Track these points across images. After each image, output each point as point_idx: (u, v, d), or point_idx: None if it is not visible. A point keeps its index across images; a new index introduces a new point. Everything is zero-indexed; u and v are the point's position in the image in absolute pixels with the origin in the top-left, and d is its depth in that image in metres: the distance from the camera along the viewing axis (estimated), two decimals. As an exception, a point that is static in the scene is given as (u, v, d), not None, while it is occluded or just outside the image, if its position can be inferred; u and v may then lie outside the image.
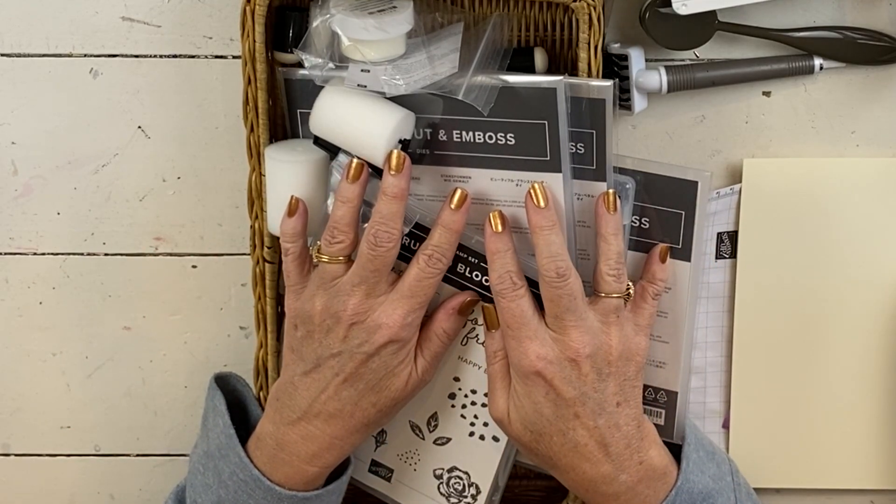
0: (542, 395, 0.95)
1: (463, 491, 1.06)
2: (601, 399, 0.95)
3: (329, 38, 0.97)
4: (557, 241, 0.94)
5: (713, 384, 1.10)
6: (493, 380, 0.98)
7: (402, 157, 0.94)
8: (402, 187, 0.94)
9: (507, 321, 0.95)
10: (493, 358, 0.98)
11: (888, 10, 1.04)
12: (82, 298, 1.13)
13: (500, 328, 0.97)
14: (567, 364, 0.94)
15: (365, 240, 0.94)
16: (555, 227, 0.94)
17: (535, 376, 0.94)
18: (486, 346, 0.99)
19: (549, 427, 0.95)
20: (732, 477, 1.02)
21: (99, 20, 1.07)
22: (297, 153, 1.01)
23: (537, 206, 0.94)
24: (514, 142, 0.98)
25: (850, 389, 1.10)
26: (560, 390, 0.94)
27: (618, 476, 0.96)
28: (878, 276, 1.07)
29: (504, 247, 0.95)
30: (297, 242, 0.98)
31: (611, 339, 0.96)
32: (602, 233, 0.96)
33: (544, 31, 1.03)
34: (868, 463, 1.11)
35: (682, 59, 1.05)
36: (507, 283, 0.95)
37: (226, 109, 1.08)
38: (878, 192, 1.06)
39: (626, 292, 0.97)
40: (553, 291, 0.94)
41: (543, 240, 0.94)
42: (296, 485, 0.99)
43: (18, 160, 1.10)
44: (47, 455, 1.18)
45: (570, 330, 0.94)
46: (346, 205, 0.95)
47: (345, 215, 0.95)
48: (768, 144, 1.07)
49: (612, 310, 0.96)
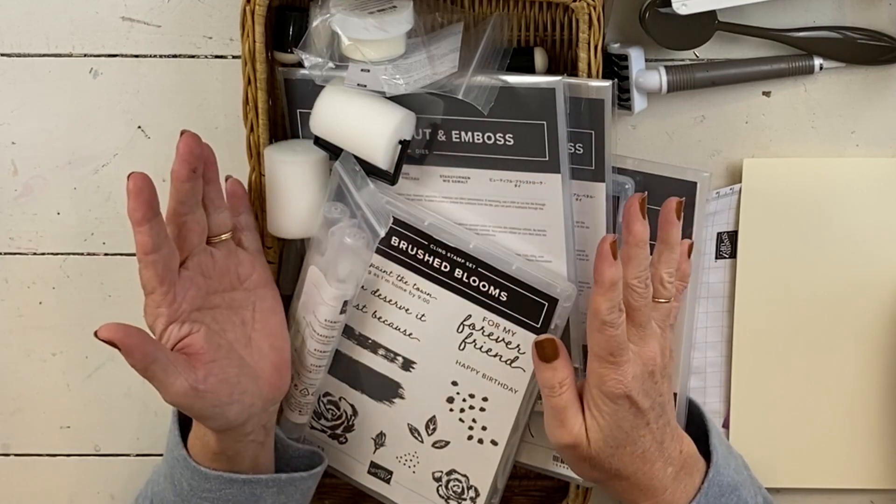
0: (626, 410, 0.93)
1: (462, 493, 1.06)
2: (663, 401, 0.95)
3: (329, 37, 0.97)
4: (648, 255, 0.94)
5: (713, 384, 1.10)
6: (562, 410, 0.95)
7: None
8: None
9: (611, 350, 0.92)
10: (557, 389, 0.95)
11: (888, 10, 1.04)
12: (82, 298, 1.13)
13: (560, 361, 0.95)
14: (647, 377, 0.93)
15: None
16: (648, 244, 0.94)
17: (625, 398, 0.93)
18: (543, 380, 0.95)
19: (626, 439, 0.94)
20: (748, 471, 1.03)
21: (99, 20, 1.07)
22: (297, 153, 1.01)
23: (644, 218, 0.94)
24: (513, 142, 0.98)
25: (850, 389, 1.10)
26: (640, 404, 0.93)
27: (667, 469, 0.96)
28: (878, 276, 1.07)
29: (619, 276, 0.91)
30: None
31: (667, 342, 0.96)
32: (669, 241, 0.96)
33: (544, 31, 1.03)
34: (868, 463, 1.11)
35: (682, 59, 1.05)
36: (617, 313, 0.91)
37: (226, 109, 1.08)
38: (878, 192, 1.06)
39: (675, 295, 0.98)
40: (641, 301, 0.93)
41: (641, 252, 0.93)
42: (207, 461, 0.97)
43: (18, 160, 1.10)
44: (47, 455, 1.18)
45: (649, 340, 0.94)
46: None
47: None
48: (768, 144, 1.07)
49: (668, 314, 0.97)
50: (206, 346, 0.92)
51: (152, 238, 0.89)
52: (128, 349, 0.87)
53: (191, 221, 0.93)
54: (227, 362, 0.94)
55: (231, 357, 0.95)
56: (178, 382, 0.90)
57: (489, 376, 1.02)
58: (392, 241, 1.01)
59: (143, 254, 0.89)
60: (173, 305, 0.91)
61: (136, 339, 0.87)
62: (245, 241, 0.99)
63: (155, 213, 0.89)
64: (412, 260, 1.01)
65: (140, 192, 0.88)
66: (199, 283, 0.94)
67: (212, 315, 0.95)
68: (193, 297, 0.93)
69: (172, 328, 0.92)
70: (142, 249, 0.89)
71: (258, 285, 0.99)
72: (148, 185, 0.88)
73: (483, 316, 1.01)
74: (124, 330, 0.87)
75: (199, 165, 0.92)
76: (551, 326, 0.99)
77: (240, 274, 0.98)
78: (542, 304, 0.99)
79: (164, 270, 0.90)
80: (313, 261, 1.01)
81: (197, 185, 0.93)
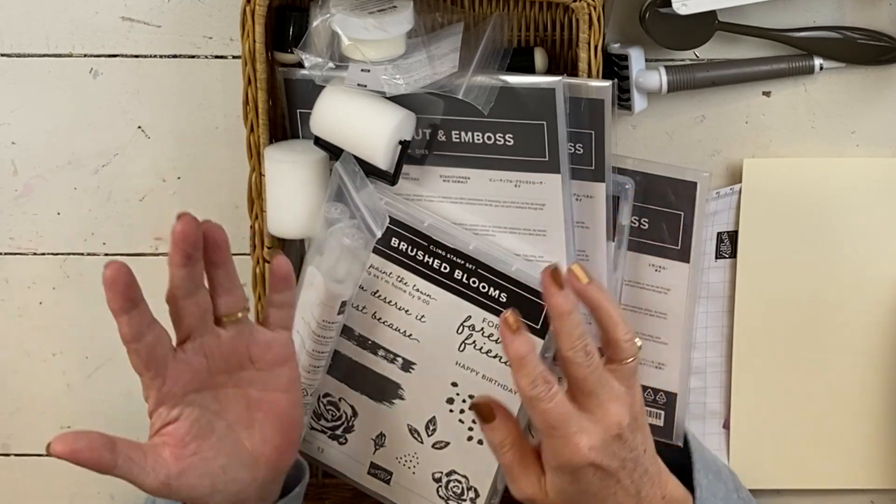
0: (590, 475, 0.90)
1: (462, 494, 1.06)
2: (636, 455, 0.91)
3: (329, 37, 0.97)
4: (579, 320, 0.88)
5: (713, 384, 1.10)
6: (511, 467, 0.92)
7: None
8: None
9: (550, 423, 0.88)
10: (501, 448, 0.92)
11: (888, 10, 1.04)
12: (82, 298, 1.13)
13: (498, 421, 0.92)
14: (612, 441, 0.90)
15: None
16: (576, 309, 0.89)
17: (588, 467, 0.89)
18: (488, 439, 0.93)
19: (593, 499, 0.91)
20: (738, 493, 1.02)
21: (99, 20, 1.07)
22: (297, 153, 1.01)
23: (560, 288, 0.88)
24: (513, 142, 0.98)
25: (849, 389, 1.10)
26: (608, 467, 0.90)
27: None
28: (878, 275, 1.07)
29: (529, 348, 0.87)
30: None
31: (635, 396, 0.91)
32: (601, 305, 0.90)
33: (544, 31, 1.03)
34: (868, 463, 1.11)
35: (682, 59, 1.05)
36: (542, 386, 0.87)
37: (226, 109, 1.08)
38: (878, 192, 1.06)
39: (639, 350, 0.92)
40: (584, 370, 0.88)
41: (569, 322, 0.88)
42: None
43: (18, 160, 1.10)
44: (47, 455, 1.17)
45: (607, 404, 0.89)
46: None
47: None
48: (768, 144, 1.07)
49: (632, 371, 0.91)
50: (191, 434, 0.88)
51: (132, 328, 0.85)
52: (81, 462, 0.84)
53: (189, 305, 0.88)
54: (213, 452, 0.89)
55: (222, 444, 0.90)
56: (148, 480, 0.87)
57: (489, 377, 1.02)
58: (392, 242, 1.01)
59: (125, 342, 0.86)
60: (162, 389, 0.88)
61: (87, 453, 0.84)
62: (273, 318, 0.93)
63: (133, 303, 0.85)
64: (412, 261, 1.01)
65: (114, 283, 0.84)
66: (199, 364, 0.89)
67: (213, 395, 0.91)
68: (189, 380, 0.89)
69: (161, 411, 0.88)
70: (123, 338, 0.86)
71: (273, 365, 0.93)
72: (123, 276, 0.84)
73: (483, 317, 1.01)
74: (73, 442, 0.84)
75: (194, 251, 0.86)
76: (551, 327, 0.99)
77: (251, 354, 0.92)
78: (542, 305, 0.99)
79: (149, 357, 0.86)
80: (312, 261, 1.01)
81: (194, 271, 0.87)
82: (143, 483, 0.87)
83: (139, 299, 0.85)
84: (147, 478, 0.86)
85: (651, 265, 1.05)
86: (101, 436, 0.85)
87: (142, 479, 0.86)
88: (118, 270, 0.83)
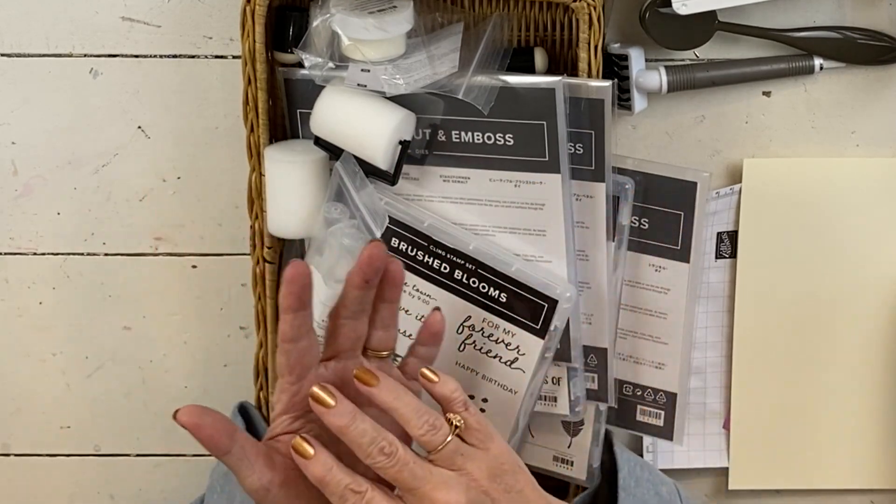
0: None
1: (461, 493, 1.06)
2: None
3: (329, 37, 0.97)
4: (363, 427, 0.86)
5: (713, 384, 1.10)
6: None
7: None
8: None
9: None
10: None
11: (888, 10, 1.04)
12: (82, 298, 1.13)
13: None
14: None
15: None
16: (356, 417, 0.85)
17: None
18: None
19: None
20: None
21: (99, 20, 1.07)
22: (297, 153, 1.01)
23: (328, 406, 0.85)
24: (513, 142, 0.98)
25: (849, 389, 1.10)
26: None
27: None
28: (877, 276, 1.07)
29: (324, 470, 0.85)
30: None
31: (472, 474, 0.87)
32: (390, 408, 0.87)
33: (544, 31, 1.03)
34: (868, 463, 1.11)
35: (682, 59, 1.05)
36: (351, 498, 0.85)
37: (226, 109, 1.08)
38: (878, 192, 1.06)
39: (453, 430, 0.88)
40: (392, 471, 0.86)
41: (353, 433, 0.85)
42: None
43: (18, 160, 1.10)
44: (47, 455, 1.18)
45: (433, 494, 0.86)
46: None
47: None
48: (768, 144, 1.07)
49: (452, 454, 0.87)
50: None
51: (292, 329, 0.87)
52: (200, 438, 0.86)
53: (348, 326, 0.90)
54: None
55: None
56: (252, 478, 0.88)
57: (489, 377, 1.02)
58: (392, 243, 1.01)
59: (281, 340, 0.88)
60: (294, 398, 0.89)
61: (209, 430, 0.86)
62: (410, 367, 0.94)
63: (302, 305, 0.87)
64: (412, 261, 1.01)
65: (293, 281, 0.86)
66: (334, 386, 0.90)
67: None
68: None
69: (285, 419, 0.90)
70: (280, 336, 0.88)
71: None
72: (303, 276, 0.86)
73: (483, 317, 1.01)
74: (200, 416, 0.86)
75: (374, 277, 0.88)
76: (551, 328, 0.99)
77: None
78: (542, 305, 0.99)
79: (296, 362, 0.89)
80: (312, 261, 1.00)
81: (366, 296, 0.89)
82: (245, 479, 0.88)
83: (308, 304, 0.88)
84: (251, 475, 0.88)
85: (651, 265, 1.05)
86: (226, 420, 0.87)
87: (246, 475, 0.88)
88: (300, 271, 0.86)
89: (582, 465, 1.08)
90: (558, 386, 1.05)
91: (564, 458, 1.09)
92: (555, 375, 1.05)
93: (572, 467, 1.08)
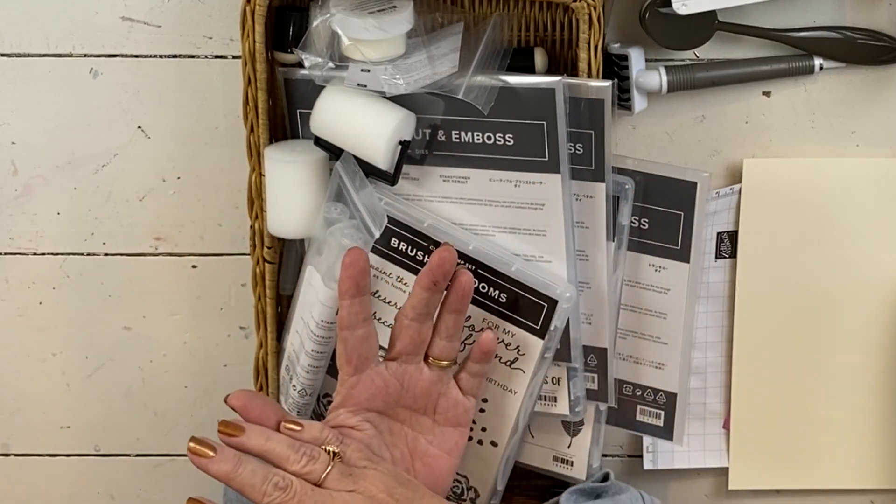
0: None
1: (462, 494, 1.06)
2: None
3: (329, 37, 0.97)
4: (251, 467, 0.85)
5: (713, 384, 1.10)
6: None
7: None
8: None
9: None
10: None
11: (888, 10, 1.04)
12: (82, 298, 1.13)
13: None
14: None
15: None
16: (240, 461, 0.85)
17: None
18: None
19: None
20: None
21: (99, 20, 1.07)
22: (297, 153, 1.01)
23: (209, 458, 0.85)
24: (513, 142, 0.98)
25: (850, 389, 1.10)
26: None
27: None
28: (878, 275, 1.07)
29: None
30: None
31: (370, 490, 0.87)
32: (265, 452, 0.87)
33: (544, 31, 1.03)
34: (868, 463, 1.11)
35: (682, 59, 1.05)
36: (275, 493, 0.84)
37: (226, 109, 1.08)
38: (878, 192, 1.06)
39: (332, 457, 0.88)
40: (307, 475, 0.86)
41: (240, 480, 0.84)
42: None
43: (18, 160, 1.10)
44: (47, 455, 1.18)
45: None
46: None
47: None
48: (768, 144, 1.07)
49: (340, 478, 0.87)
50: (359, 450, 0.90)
51: (350, 315, 0.89)
52: (249, 419, 0.88)
53: (412, 328, 0.92)
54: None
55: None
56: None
57: (489, 377, 1.02)
58: (391, 243, 1.01)
59: (340, 328, 0.90)
60: (352, 390, 0.91)
61: (256, 413, 0.89)
62: (463, 382, 0.96)
63: (359, 291, 0.89)
64: (412, 261, 1.01)
65: (351, 265, 0.89)
66: (392, 387, 0.92)
67: (390, 425, 0.94)
68: (377, 395, 0.92)
69: (341, 412, 0.91)
70: (339, 323, 0.90)
71: (449, 424, 0.96)
72: (360, 262, 0.88)
73: (482, 317, 1.01)
74: (250, 399, 0.88)
75: (442, 281, 0.91)
76: (551, 328, 0.99)
77: (438, 404, 0.95)
78: (542, 305, 0.99)
79: (354, 350, 0.90)
80: (311, 261, 1.01)
81: (433, 299, 0.91)
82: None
83: (366, 290, 0.90)
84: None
85: (651, 265, 1.05)
86: (275, 405, 0.90)
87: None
88: (358, 256, 0.89)
89: (582, 465, 1.08)
90: (558, 386, 1.05)
91: (564, 458, 1.09)
92: (555, 375, 1.05)
93: (572, 467, 1.08)
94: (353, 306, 0.89)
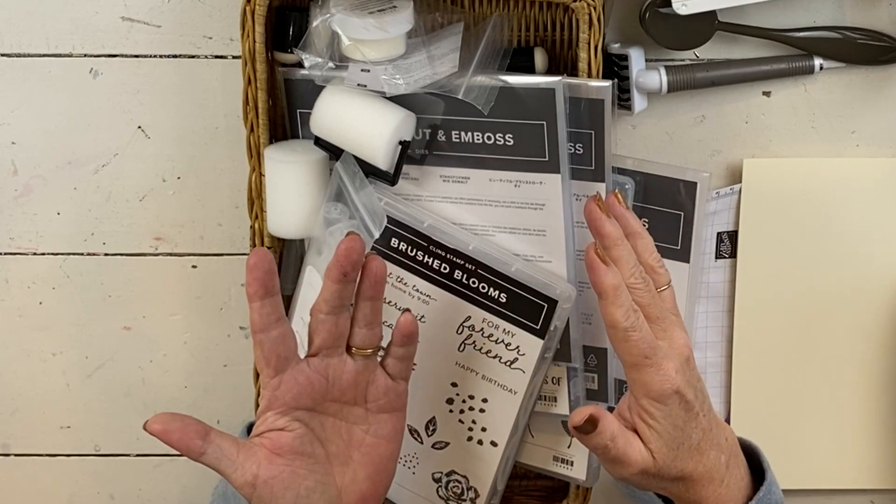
0: (676, 407, 0.89)
1: (462, 494, 1.06)
2: (702, 386, 0.92)
3: (329, 37, 0.97)
4: (630, 248, 0.91)
5: (713, 384, 1.10)
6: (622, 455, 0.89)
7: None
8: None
9: (643, 352, 0.88)
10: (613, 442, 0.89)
11: (888, 10, 1.04)
12: (82, 298, 1.13)
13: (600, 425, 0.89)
14: (685, 366, 0.90)
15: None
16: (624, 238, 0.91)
17: (674, 395, 0.89)
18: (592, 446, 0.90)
19: (682, 436, 0.90)
20: None
21: (99, 20, 1.07)
22: (297, 153, 1.01)
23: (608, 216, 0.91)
24: (513, 142, 0.98)
25: (850, 389, 1.10)
26: (687, 395, 0.89)
27: (720, 458, 0.92)
28: (878, 275, 1.07)
29: (619, 280, 0.88)
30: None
31: (683, 324, 0.93)
32: (633, 230, 0.92)
33: (544, 31, 1.03)
34: (868, 463, 1.11)
35: (682, 59, 1.05)
36: (633, 317, 0.88)
37: (226, 109, 1.08)
38: (878, 192, 1.06)
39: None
40: (646, 296, 0.90)
41: (625, 249, 0.90)
42: None
43: (18, 160, 1.10)
44: (47, 455, 1.18)
45: (672, 329, 0.91)
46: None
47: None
48: (768, 144, 1.07)
49: (672, 298, 0.93)
50: (291, 447, 0.90)
51: (261, 317, 0.88)
52: (171, 443, 0.88)
53: (329, 322, 0.90)
54: (305, 472, 0.91)
55: (315, 468, 0.91)
56: (236, 475, 0.89)
57: (489, 377, 1.02)
58: (391, 243, 1.01)
59: (253, 332, 0.89)
60: (275, 392, 0.90)
61: (178, 434, 0.87)
62: (390, 367, 0.94)
63: (267, 292, 0.87)
64: (411, 261, 1.01)
65: (254, 268, 0.87)
66: (317, 383, 0.91)
67: (321, 420, 0.92)
68: (303, 393, 0.90)
69: (269, 416, 0.90)
70: (252, 327, 0.89)
71: (383, 410, 0.94)
72: (264, 263, 0.87)
73: (482, 317, 1.01)
74: (168, 422, 0.87)
75: (352, 271, 0.89)
76: (551, 328, 0.99)
77: (368, 393, 0.94)
78: (542, 305, 0.99)
79: (272, 352, 0.89)
80: (311, 261, 1.01)
81: (345, 290, 0.89)
82: (230, 476, 0.89)
83: (274, 291, 0.88)
84: (235, 472, 0.89)
85: (651, 265, 1.05)
86: (196, 422, 0.88)
87: (230, 472, 0.89)
88: (262, 257, 0.87)
89: (582, 465, 1.08)
90: (558, 386, 1.05)
91: (564, 458, 1.09)
92: (555, 375, 1.05)
93: (572, 467, 1.08)
94: (264, 308, 0.87)
